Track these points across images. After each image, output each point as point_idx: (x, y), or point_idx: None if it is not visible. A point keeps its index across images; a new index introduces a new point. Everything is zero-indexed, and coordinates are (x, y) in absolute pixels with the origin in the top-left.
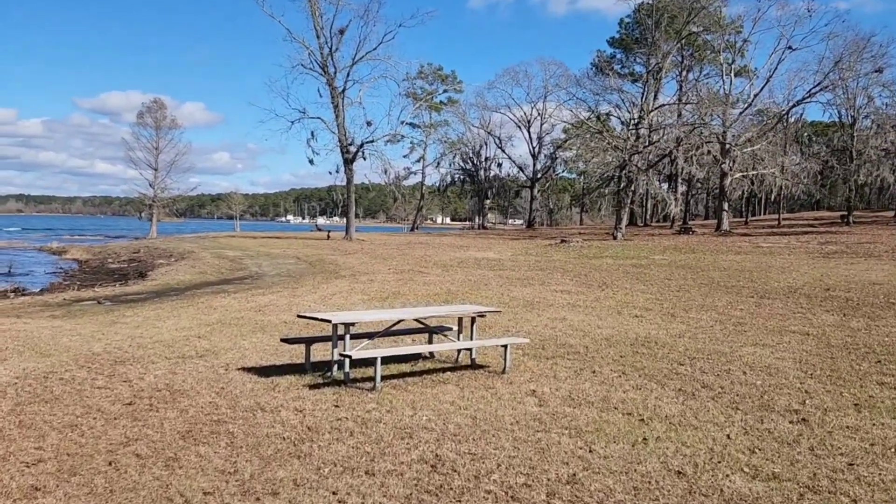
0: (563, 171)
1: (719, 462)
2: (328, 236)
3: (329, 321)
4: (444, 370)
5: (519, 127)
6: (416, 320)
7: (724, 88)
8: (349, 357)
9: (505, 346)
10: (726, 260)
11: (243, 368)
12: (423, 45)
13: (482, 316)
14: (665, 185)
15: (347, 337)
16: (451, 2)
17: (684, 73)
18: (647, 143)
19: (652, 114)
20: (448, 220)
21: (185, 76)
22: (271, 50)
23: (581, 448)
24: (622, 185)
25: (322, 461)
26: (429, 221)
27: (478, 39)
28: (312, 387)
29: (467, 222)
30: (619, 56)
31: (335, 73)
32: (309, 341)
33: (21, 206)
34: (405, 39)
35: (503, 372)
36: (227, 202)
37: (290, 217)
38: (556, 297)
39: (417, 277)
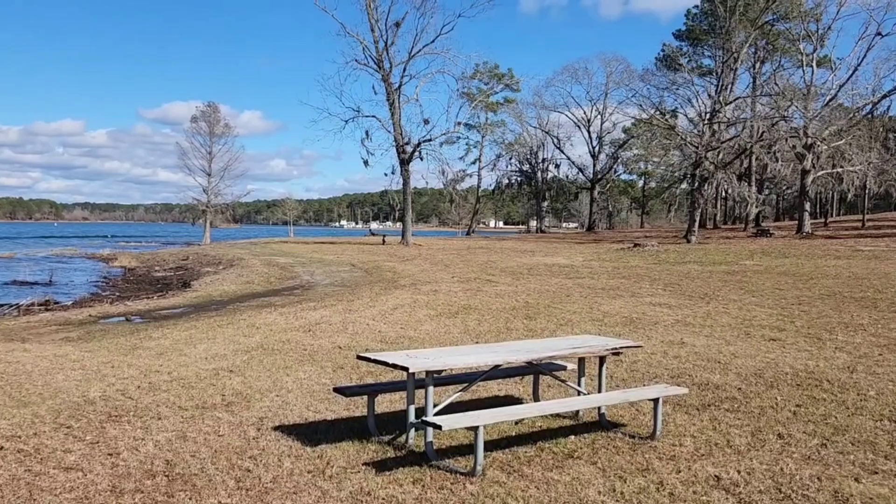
0: (623, 172)
1: None
2: (384, 241)
3: (405, 369)
4: (562, 431)
5: (578, 126)
6: (527, 362)
7: (804, 80)
8: (437, 427)
9: (655, 401)
10: (830, 266)
11: (282, 428)
12: (476, 47)
13: (616, 353)
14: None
15: (430, 391)
16: (502, 4)
17: (758, 64)
18: (723, 140)
19: (727, 108)
20: (501, 223)
21: (243, 85)
22: (324, 45)
23: None
24: (696, 185)
25: None
26: (482, 225)
27: (530, 41)
28: (380, 467)
29: (521, 226)
30: (685, 49)
31: (391, 68)
32: (372, 391)
33: (87, 214)
34: (459, 36)
35: (652, 437)
36: (282, 208)
37: (343, 222)
38: (658, 313)
39: (487, 287)
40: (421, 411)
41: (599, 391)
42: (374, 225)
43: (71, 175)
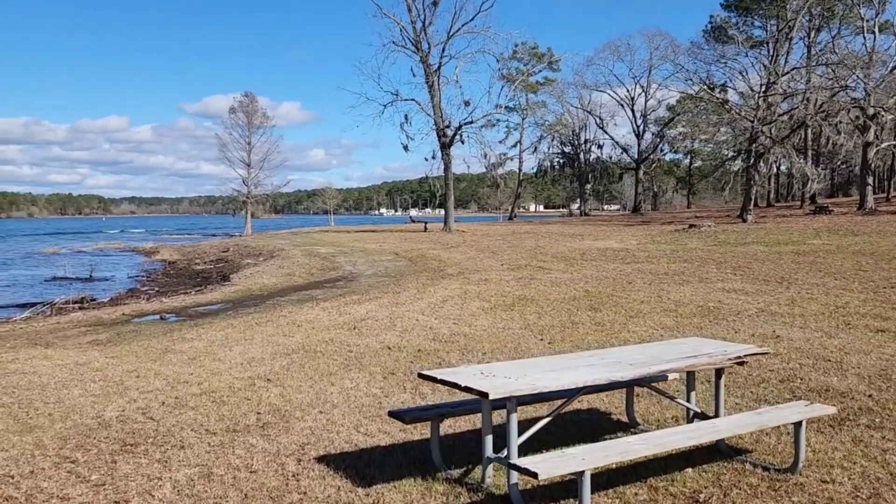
0: (668, 152)
1: None
2: (426, 228)
3: (484, 395)
4: (674, 460)
5: (621, 105)
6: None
7: (865, 46)
8: (531, 474)
9: (798, 425)
10: None
11: (327, 459)
12: (515, 25)
13: (741, 363)
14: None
15: (513, 423)
16: None
17: (813, 33)
18: (780, 112)
19: (782, 79)
20: (541, 207)
21: (281, 77)
22: (361, 28)
23: None
24: (752, 161)
25: None
26: (522, 209)
27: (570, 18)
28: None
29: (563, 209)
30: (734, 20)
31: (429, 49)
32: (437, 416)
33: (133, 208)
34: (498, 13)
35: (793, 469)
36: (322, 197)
37: (382, 210)
38: (736, 301)
39: (540, 275)
40: (499, 438)
41: (717, 412)
42: (413, 212)
43: (118, 170)
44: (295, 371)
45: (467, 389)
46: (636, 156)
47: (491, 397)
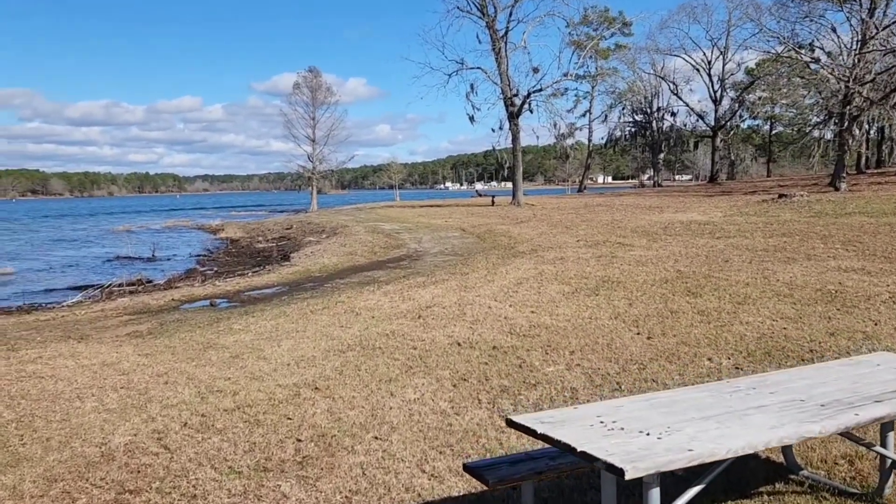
0: (747, 118)
1: None
2: (493, 202)
3: (619, 472)
4: None
5: (697, 70)
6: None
7: None
8: None
9: None
10: None
11: None
12: None
13: None
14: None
15: (655, 497)
16: None
17: None
18: (878, 71)
19: (882, 33)
20: (610, 178)
21: (347, 53)
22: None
23: None
24: (845, 124)
25: None
26: (590, 181)
27: None
28: None
29: (633, 180)
30: None
31: (495, 13)
32: (532, 474)
33: (206, 186)
34: None
35: None
36: (387, 172)
37: (448, 184)
38: (859, 282)
39: (621, 252)
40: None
41: None
42: (479, 185)
43: (192, 149)
44: (349, 375)
45: (586, 456)
46: (713, 123)
47: (629, 476)
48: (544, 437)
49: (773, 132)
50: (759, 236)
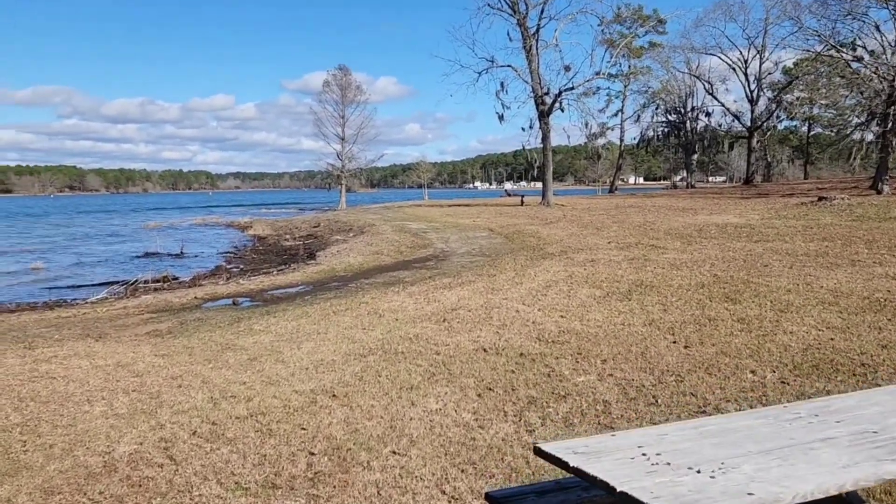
0: (784, 118)
1: None
2: (522, 202)
3: None
4: None
5: (733, 69)
6: None
7: None
8: None
9: None
10: None
11: None
12: None
13: None
14: None
15: None
16: None
17: None
18: None
19: None
20: (641, 179)
21: (378, 52)
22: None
23: None
24: (889, 125)
25: None
26: (620, 182)
27: None
28: None
29: (665, 181)
30: None
31: (527, 10)
32: None
33: (238, 183)
34: None
35: None
36: (416, 171)
37: (477, 184)
38: None
39: (654, 255)
40: None
41: None
42: (508, 185)
43: (224, 147)
44: (368, 382)
45: (627, 499)
46: (749, 123)
47: None
48: (577, 472)
49: (811, 133)
50: (799, 240)
